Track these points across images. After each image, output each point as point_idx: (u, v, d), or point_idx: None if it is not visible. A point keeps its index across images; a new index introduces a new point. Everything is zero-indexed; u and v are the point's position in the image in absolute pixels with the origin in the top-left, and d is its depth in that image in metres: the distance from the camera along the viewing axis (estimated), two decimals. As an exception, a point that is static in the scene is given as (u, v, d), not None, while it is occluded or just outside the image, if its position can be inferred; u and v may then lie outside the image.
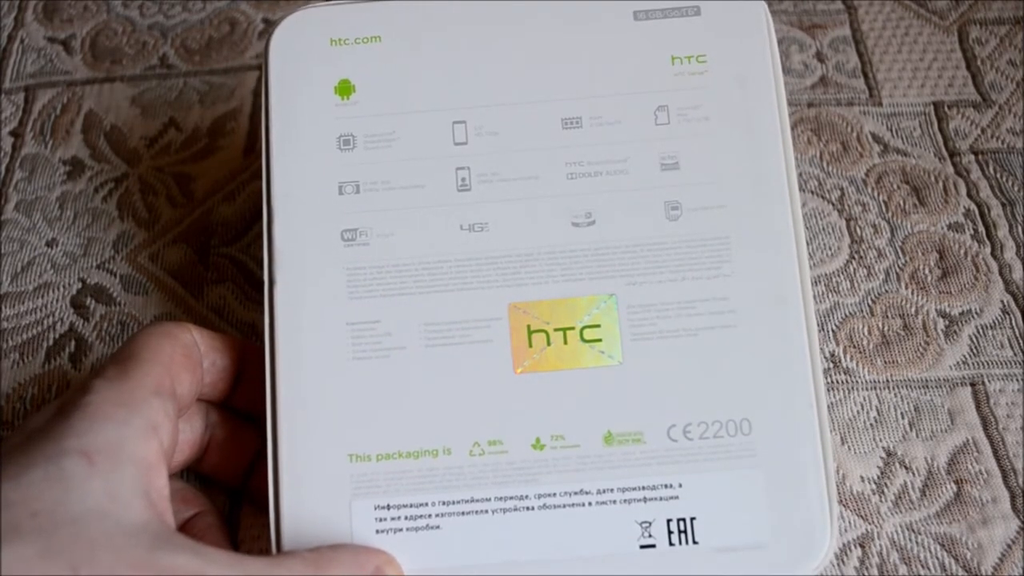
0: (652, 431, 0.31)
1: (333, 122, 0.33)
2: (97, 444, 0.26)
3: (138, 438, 0.27)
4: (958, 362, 0.38)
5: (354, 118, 0.33)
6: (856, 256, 0.40)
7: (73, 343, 0.39)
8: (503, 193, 0.33)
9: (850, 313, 0.39)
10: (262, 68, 0.34)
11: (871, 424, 0.36)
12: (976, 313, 0.39)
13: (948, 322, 0.38)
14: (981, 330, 0.38)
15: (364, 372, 0.31)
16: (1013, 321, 0.38)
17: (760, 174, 0.33)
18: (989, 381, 0.37)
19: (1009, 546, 0.34)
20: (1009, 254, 0.40)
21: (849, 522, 0.34)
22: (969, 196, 0.42)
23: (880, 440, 0.36)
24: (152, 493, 0.27)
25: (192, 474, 0.35)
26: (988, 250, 0.40)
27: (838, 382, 0.37)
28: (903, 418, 0.36)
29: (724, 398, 0.31)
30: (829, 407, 0.36)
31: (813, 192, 0.42)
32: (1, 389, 0.38)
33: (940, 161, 0.43)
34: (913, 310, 0.39)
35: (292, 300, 0.32)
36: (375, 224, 0.32)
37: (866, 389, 0.37)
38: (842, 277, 0.40)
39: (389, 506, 0.30)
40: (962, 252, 0.40)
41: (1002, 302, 0.39)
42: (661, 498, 0.30)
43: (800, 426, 0.31)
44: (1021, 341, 0.38)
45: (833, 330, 0.38)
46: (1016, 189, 0.42)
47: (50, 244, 0.42)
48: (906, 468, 0.35)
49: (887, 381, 0.37)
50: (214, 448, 0.33)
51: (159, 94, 0.46)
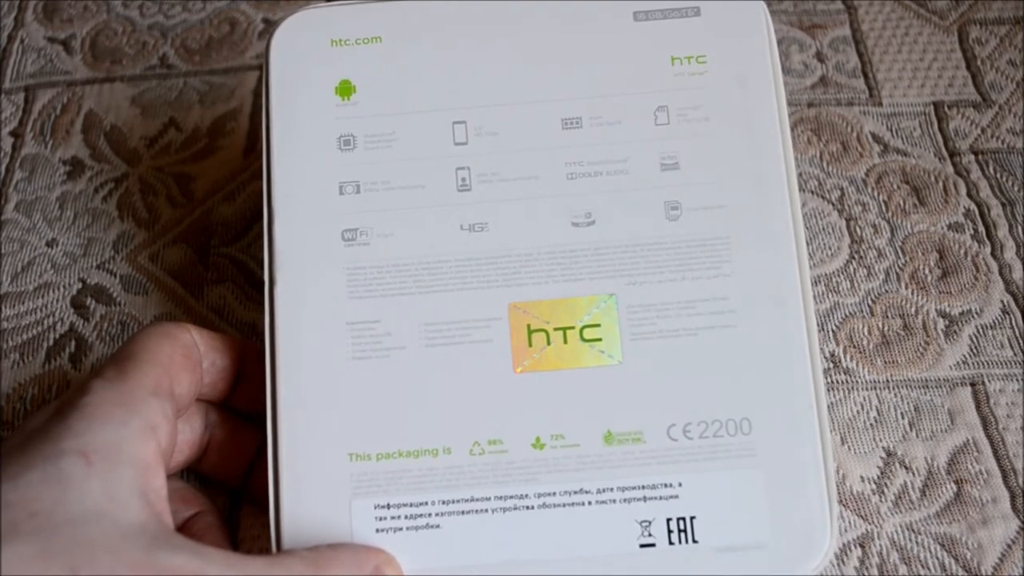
0: (652, 430, 0.31)
1: (333, 122, 0.33)
2: (95, 445, 0.26)
3: (136, 439, 0.27)
4: (958, 362, 0.38)
5: (354, 118, 0.33)
6: (856, 256, 0.40)
7: (73, 343, 0.39)
8: (503, 193, 0.33)
9: (850, 313, 0.39)
10: (262, 68, 0.34)
11: (871, 424, 0.36)
12: (976, 313, 0.39)
13: (948, 322, 0.38)
14: (981, 330, 0.38)
15: (364, 372, 0.31)
16: (1013, 321, 0.38)
17: (760, 174, 0.33)
18: (989, 381, 0.37)
19: (1009, 546, 0.34)
20: (1009, 254, 0.40)
21: (849, 522, 0.34)
22: (969, 196, 0.42)
23: (880, 440, 0.36)
24: (150, 494, 0.27)
25: (192, 474, 0.35)
26: (988, 250, 0.40)
27: (838, 382, 0.37)
28: (903, 418, 0.36)
29: (724, 398, 0.31)
30: (829, 407, 0.36)
31: (813, 192, 0.42)
32: (1, 389, 0.38)
33: (940, 161, 0.43)
34: (913, 310, 0.39)
35: (292, 300, 0.32)
36: (375, 224, 0.32)
37: (866, 389, 0.37)
38: (842, 277, 0.40)
39: (389, 505, 0.30)
40: (962, 252, 0.40)
41: (1002, 302, 0.39)
42: (661, 497, 0.30)
43: (800, 426, 0.31)
44: (1021, 341, 0.38)
45: (833, 330, 0.38)
46: (1016, 189, 0.42)
47: (50, 244, 0.42)
48: (906, 468, 0.35)
49: (887, 381, 0.37)
50: (214, 448, 0.33)
51: (159, 94, 0.46)
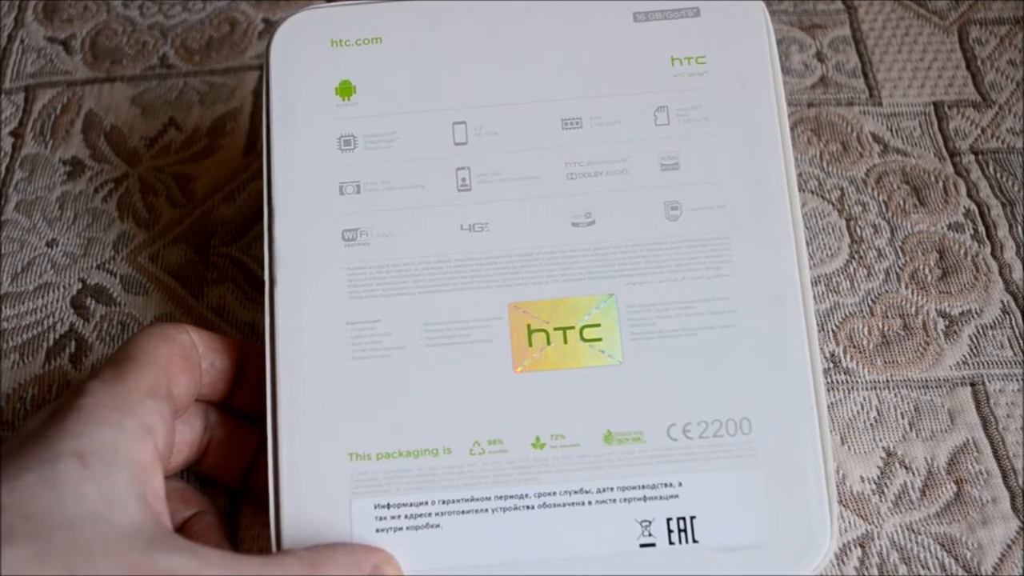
0: (652, 430, 0.31)
1: (334, 122, 0.33)
2: (91, 447, 0.26)
3: (132, 440, 0.27)
4: (958, 362, 0.38)
5: (355, 118, 0.33)
6: (856, 256, 0.40)
7: (73, 343, 0.39)
8: (503, 193, 0.33)
9: (850, 313, 0.39)
10: (263, 69, 0.34)
11: (871, 424, 0.36)
12: (976, 313, 0.39)
13: (948, 322, 0.38)
14: (981, 330, 0.38)
15: (364, 372, 0.31)
16: (1013, 321, 0.38)
17: (760, 174, 0.33)
18: (989, 381, 0.37)
19: (1009, 546, 0.34)
20: (1009, 254, 0.40)
21: (849, 522, 0.34)
22: (969, 196, 0.42)
23: (880, 440, 0.36)
24: (147, 495, 0.27)
25: (192, 474, 0.35)
26: (988, 250, 0.40)
27: (838, 382, 0.37)
28: (903, 418, 0.36)
29: (724, 398, 0.31)
30: (829, 407, 0.36)
31: (813, 192, 0.42)
32: (1, 389, 0.38)
33: (940, 161, 0.43)
34: (913, 310, 0.39)
35: (292, 300, 0.32)
36: (375, 224, 0.32)
37: (866, 389, 0.37)
38: (842, 277, 0.40)
39: (389, 505, 0.30)
40: (962, 252, 0.40)
41: (1002, 302, 0.39)
42: (661, 497, 0.30)
43: (800, 426, 0.31)
44: (1021, 341, 0.38)
45: (833, 330, 0.38)
46: (1016, 189, 0.42)
47: (50, 244, 0.42)
48: (906, 468, 0.35)
49: (887, 381, 0.37)
50: (214, 448, 0.33)
51: (159, 94, 0.46)
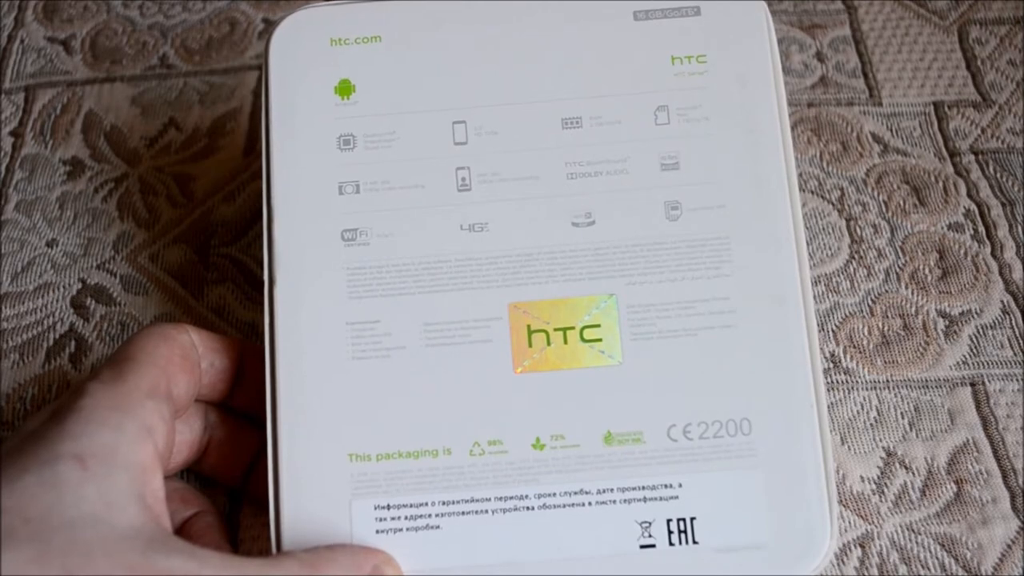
0: (652, 431, 0.31)
1: (333, 122, 0.33)
2: (91, 448, 0.26)
3: (132, 442, 0.27)
4: (958, 362, 0.38)
5: (354, 118, 0.33)
6: (856, 256, 0.40)
7: (73, 343, 0.39)
8: (503, 193, 0.33)
9: (850, 313, 0.39)
10: (262, 68, 0.34)
11: (871, 424, 0.36)
12: (976, 313, 0.39)
13: (948, 322, 0.38)
14: (981, 330, 0.38)
15: (364, 372, 0.31)
16: (1013, 321, 0.38)
17: (760, 174, 0.33)
18: (989, 381, 0.37)
19: (1009, 546, 0.34)
20: (1009, 254, 0.40)
21: (849, 522, 0.34)
22: (969, 196, 0.42)
23: (880, 440, 0.36)
24: (147, 496, 0.27)
25: (192, 474, 0.35)
26: (988, 250, 0.40)
27: (838, 382, 0.37)
28: (903, 418, 0.36)
29: (724, 398, 0.31)
30: (829, 407, 0.36)
31: (813, 192, 0.42)
32: (1, 389, 0.38)
33: (940, 161, 0.43)
34: (913, 310, 0.39)
35: (292, 300, 0.32)
36: (375, 224, 0.32)
37: (866, 389, 0.37)
38: (842, 277, 0.40)
39: (389, 506, 0.30)
40: (962, 252, 0.40)
41: (1002, 302, 0.39)
42: (661, 498, 0.30)
43: (800, 426, 0.31)
44: (1021, 341, 0.38)
45: (833, 330, 0.38)
46: (1016, 189, 0.42)
47: (50, 244, 0.42)
48: (906, 468, 0.35)
49: (887, 381, 0.37)
50: (213, 448, 0.33)
51: (159, 94, 0.46)
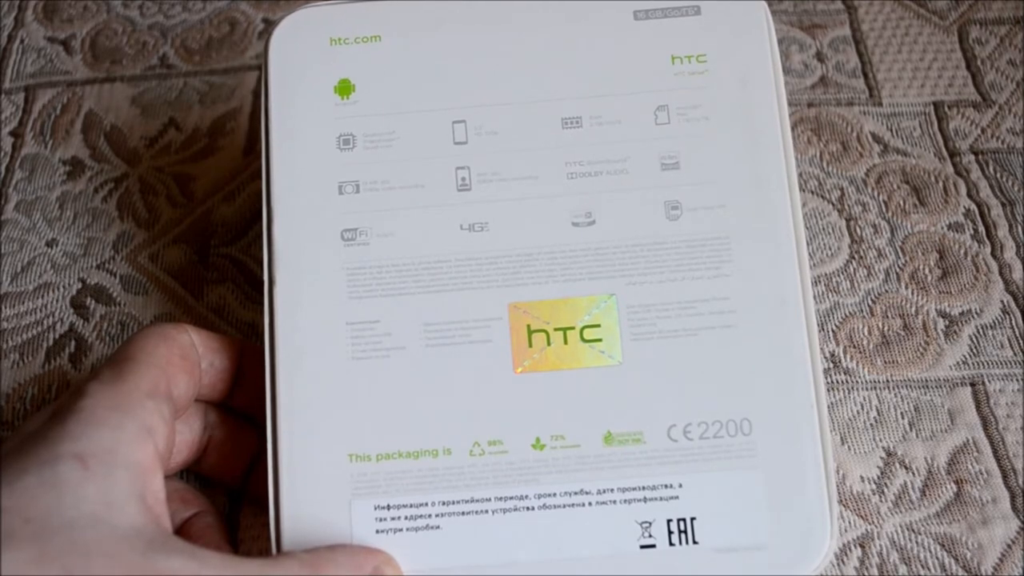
0: (652, 431, 0.31)
1: (333, 122, 0.33)
2: (91, 448, 0.26)
3: (132, 442, 0.27)
4: (958, 362, 0.38)
5: (354, 117, 0.33)
6: (856, 256, 0.40)
7: (73, 343, 0.39)
8: (503, 193, 0.33)
9: (850, 313, 0.39)
10: (262, 67, 0.34)
11: (871, 424, 0.36)
12: (976, 313, 0.39)
13: (948, 322, 0.38)
14: (981, 330, 0.38)
15: (364, 372, 0.31)
16: (1013, 321, 0.38)
17: (760, 174, 0.33)
18: (989, 381, 0.37)
19: (1009, 546, 0.34)
20: (1009, 254, 0.40)
21: (849, 522, 0.34)
22: (969, 196, 0.42)
23: (880, 440, 0.36)
24: (147, 497, 0.27)
25: (192, 474, 0.35)
26: (988, 250, 0.40)
27: (838, 382, 0.37)
28: (903, 418, 0.36)
29: (724, 398, 0.31)
30: (829, 407, 0.36)
31: (813, 192, 0.42)
32: (1, 389, 0.38)
33: (940, 161, 0.43)
34: (913, 310, 0.39)
35: (292, 300, 0.32)
36: (375, 224, 0.32)
37: (866, 389, 0.37)
38: (842, 277, 0.40)
39: (389, 506, 0.30)
40: (962, 252, 0.40)
41: (1002, 302, 0.39)
42: (661, 498, 0.30)
43: (800, 426, 0.31)
44: (1021, 341, 0.38)
45: (833, 330, 0.38)
46: (1016, 189, 0.42)
47: (50, 244, 0.42)
48: (906, 468, 0.35)
49: (887, 381, 0.37)
50: (213, 448, 0.33)
51: (159, 94, 0.46)
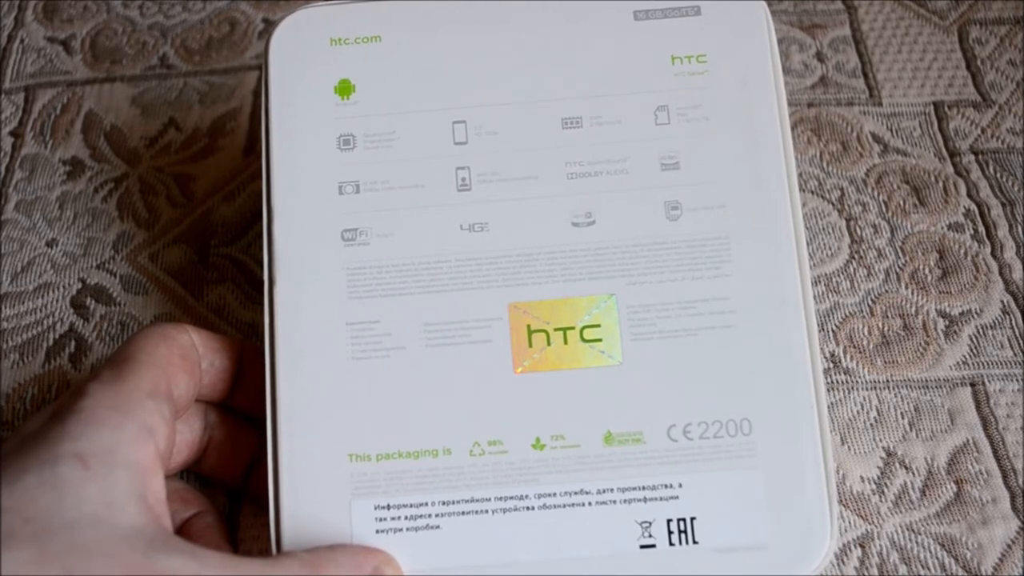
0: (652, 431, 0.31)
1: (333, 122, 0.33)
2: (92, 449, 0.26)
3: (133, 442, 0.27)
4: (958, 362, 0.38)
5: (354, 118, 0.33)
6: (856, 256, 0.40)
7: (73, 343, 0.39)
8: (503, 193, 0.33)
9: (850, 313, 0.39)
10: (262, 67, 0.34)
11: (871, 424, 0.36)
12: (976, 313, 0.39)
13: (948, 322, 0.38)
14: (981, 330, 0.38)
15: (364, 372, 0.31)
16: (1013, 321, 0.38)
17: (760, 174, 0.33)
18: (989, 381, 0.37)
19: (1009, 546, 0.34)
20: (1009, 254, 0.40)
21: (849, 522, 0.34)
22: (969, 196, 0.42)
23: (880, 440, 0.36)
24: (148, 496, 0.27)
25: (192, 474, 0.35)
26: (988, 250, 0.40)
27: (838, 382, 0.37)
28: (903, 418, 0.36)
29: (724, 398, 0.31)
30: (829, 407, 0.36)
31: (813, 192, 0.42)
32: (1, 389, 0.38)
33: (940, 161, 0.43)
34: (913, 310, 0.39)
35: (292, 300, 0.32)
36: (375, 224, 0.32)
37: (866, 389, 0.37)
38: (842, 277, 0.40)
39: (389, 506, 0.30)
40: (962, 252, 0.40)
41: (1002, 302, 0.39)
42: (661, 498, 0.30)
43: (800, 426, 0.31)
44: (1021, 341, 0.38)
45: (833, 330, 0.38)
46: (1016, 189, 0.42)
47: (50, 244, 0.42)
48: (906, 468, 0.35)
49: (887, 381, 0.37)
50: (213, 448, 0.33)
51: (159, 94, 0.46)
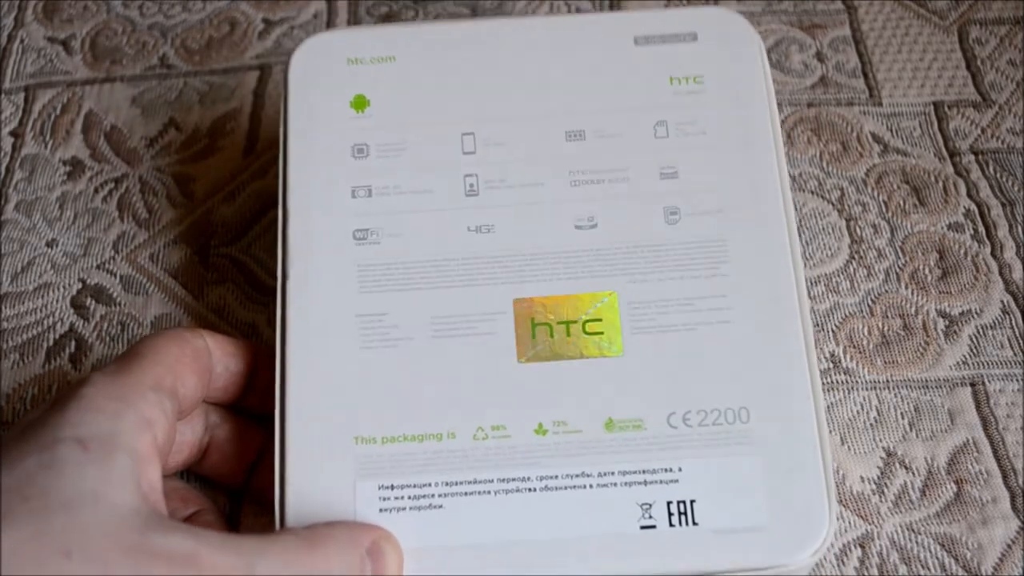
0: (652, 418, 0.31)
1: (348, 132, 0.35)
2: (91, 433, 0.26)
3: (131, 431, 0.27)
4: (958, 362, 0.38)
5: (368, 129, 0.35)
6: (856, 256, 0.40)
7: (73, 343, 0.39)
8: (509, 198, 0.34)
9: (850, 313, 0.39)
10: (282, 84, 0.35)
11: (871, 424, 0.36)
12: (976, 313, 0.39)
13: (948, 322, 0.38)
14: (981, 330, 0.38)
15: (372, 360, 0.32)
16: (1013, 321, 0.38)
17: (756, 182, 0.34)
18: (989, 381, 0.37)
19: (1009, 546, 0.34)
20: (1009, 254, 0.40)
21: (849, 522, 0.34)
22: (969, 196, 0.42)
23: (880, 440, 0.36)
24: (145, 483, 0.27)
25: (192, 476, 0.35)
26: (988, 250, 0.40)
27: (838, 382, 0.37)
28: (903, 418, 0.36)
29: (722, 387, 0.32)
30: (829, 407, 0.36)
31: (813, 192, 0.42)
32: (1, 389, 0.38)
33: (940, 161, 0.43)
34: (913, 310, 0.39)
35: (303, 292, 0.33)
36: (385, 225, 0.34)
37: (866, 389, 0.37)
38: (842, 277, 0.40)
39: (393, 486, 0.31)
40: (962, 252, 0.40)
41: (1002, 302, 0.39)
42: (661, 481, 0.31)
43: (798, 415, 0.31)
44: (1021, 341, 0.38)
45: (833, 330, 0.38)
46: (1016, 189, 0.42)
47: (50, 244, 0.42)
48: (906, 468, 0.35)
49: (887, 381, 0.37)
50: (215, 448, 0.34)
51: (159, 94, 0.46)
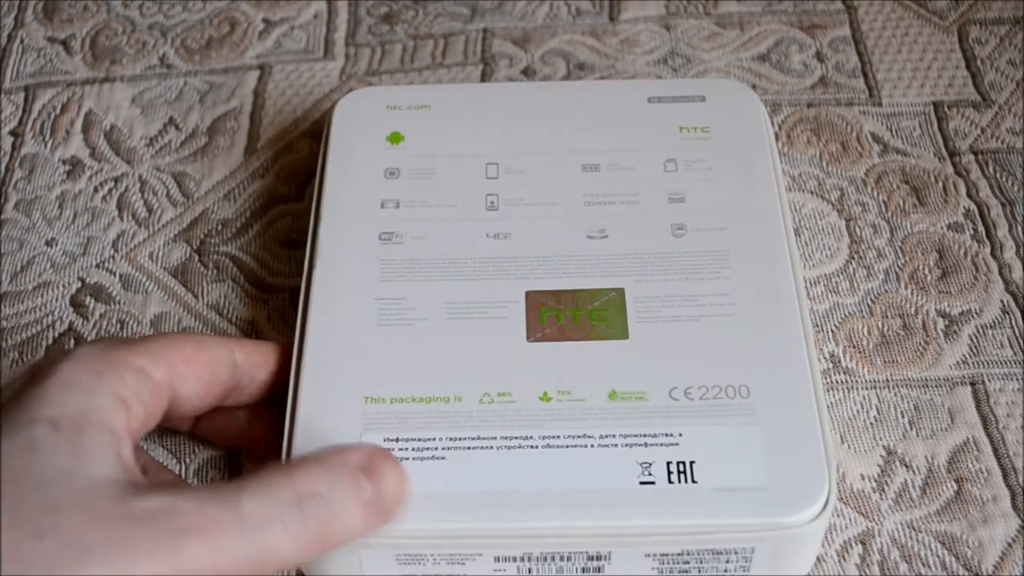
0: (654, 392, 0.32)
1: (382, 159, 0.39)
2: (63, 412, 0.26)
3: (104, 408, 0.27)
4: (958, 362, 0.38)
5: (401, 157, 0.39)
6: (856, 256, 0.40)
7: (72, 342, 0.39)
8: (527, 213, 0.37)
9: (850, 313, 0.39)
10: (324, 128, 0.40)
11: (871, 423, 0.36)
12: (976, 313, 0.39)
13: (948, 322, 0.38)
14: (981, 330, 0.38)
15: (387, 335, 0.34)
16: (1013, 321, 0.38)
17: (758, 209, 0.37)
18: (989, 380, 0.37)
19: (1010, 545, 0.34)
20: (1009, 254, 0.40)
21: (850, 520, 0.34)
22: (969, 196, 0.42)
23: (880, 439, 0.36)
24: (120, 455, 0.26)
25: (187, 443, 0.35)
26: (988, 250, 0.40)
27: (838, 382, 0.37)
28: (903, 417, 0.36)
29: (724, 368, 0.33)
30: (829, 407, 0.36)
31: (813, 192, 0.42)
32: (0, 388, 0.38)
33: (940, 161, 0.43)
34: (913, 310, 0.39)
35: (328, 278, 0.35)
36: (410, 229, 0.37)
37: (866, 389, 0.37)
38: (842, 277, 0.40)
39: (398, 439, 0.32)
40: (962, 252, 0.40)
41: (1002, 302, 0.39)
42: (662, 444, 0.31)
43: (797, 393, 0.32)
44: (1021, 341, 0.38)
45: (833, 330, 0.38)
46: (1016, 189, 0.42)
47: (49, 243, 0.42)
48: (906, 466, 0.35)
49: (887, 381, 0.37)
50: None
51: (159, 94, 0.46)
